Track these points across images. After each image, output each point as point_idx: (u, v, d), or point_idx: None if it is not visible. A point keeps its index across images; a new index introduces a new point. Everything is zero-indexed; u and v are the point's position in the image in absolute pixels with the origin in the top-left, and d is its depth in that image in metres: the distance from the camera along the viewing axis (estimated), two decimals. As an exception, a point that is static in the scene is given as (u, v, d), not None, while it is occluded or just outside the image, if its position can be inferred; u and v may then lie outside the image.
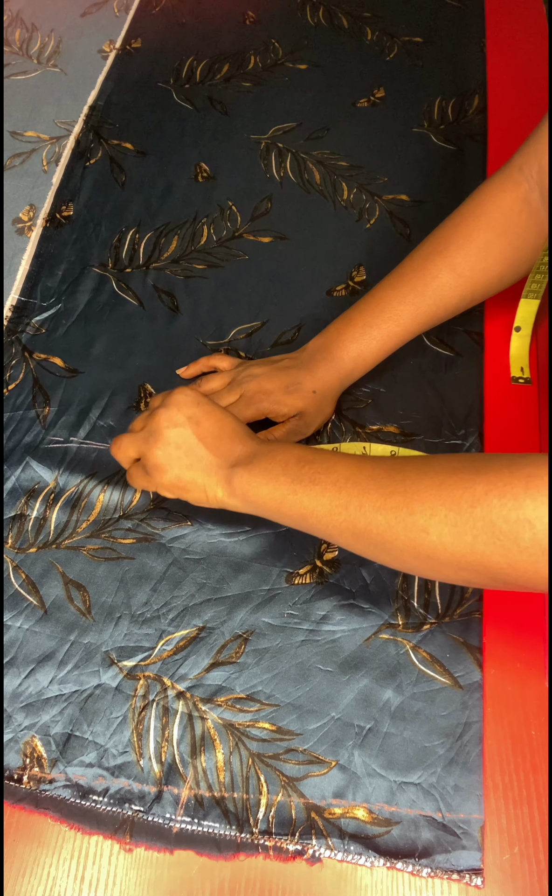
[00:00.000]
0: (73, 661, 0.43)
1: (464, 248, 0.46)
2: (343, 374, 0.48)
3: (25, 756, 0.41)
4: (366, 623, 0.44)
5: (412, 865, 0.37)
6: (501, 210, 0.46)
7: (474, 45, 0.73)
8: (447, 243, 0.46)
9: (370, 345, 0.47)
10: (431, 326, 0.48)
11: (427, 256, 0.47)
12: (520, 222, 0.45)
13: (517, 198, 0.45)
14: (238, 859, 0.38)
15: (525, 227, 0.46)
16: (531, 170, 0.45)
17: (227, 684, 0.42)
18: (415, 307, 0.46)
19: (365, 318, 0.47)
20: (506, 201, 0.45)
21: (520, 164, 0.45)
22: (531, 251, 0.47)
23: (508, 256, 0.46)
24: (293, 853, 0.38)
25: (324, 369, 0.48)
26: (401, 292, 0.47)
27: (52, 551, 0.47)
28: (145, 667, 0.43)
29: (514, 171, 0.46)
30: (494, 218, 0.46)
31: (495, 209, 0.46)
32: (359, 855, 0.37)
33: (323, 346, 0.48)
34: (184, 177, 0.65)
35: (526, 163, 0.45)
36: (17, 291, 0.58)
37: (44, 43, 0.76)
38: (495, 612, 0.44)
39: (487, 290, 0.47)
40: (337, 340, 0.48)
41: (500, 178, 0.46)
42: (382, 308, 0.47)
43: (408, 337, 0.48)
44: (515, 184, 0.45)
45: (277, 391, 0.47)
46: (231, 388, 0.49)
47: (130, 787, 0.40)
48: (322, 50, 0.73)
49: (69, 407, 0.53)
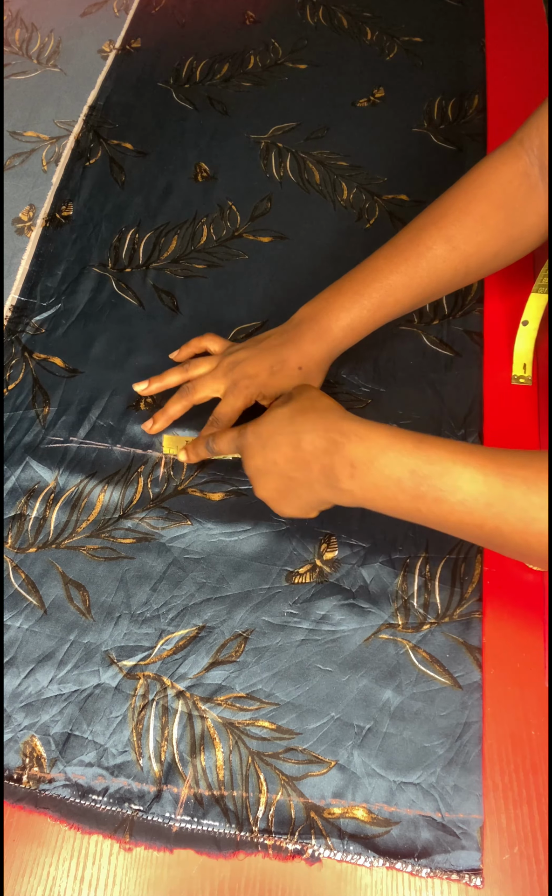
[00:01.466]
0: (72, 661, 0.43)
1: (460, 220, 0.45)
2: (331, 344, 0.47)
3: (25, 756, 0.41)
4: (365, 623, 0.44)
5: (411, 865, 0.37)
6: (499, 183, 0.45)
7: (474, 44, 0.73)
8: (443, 214, 0.46)
9: (361, 314, 0.46)
10: (425, 301, 0.47)
11: (422, 227, 0.46)
12: (519, 196, 0.45)
13: (516, 171, 0.45)
14: (237, 858, 0.38)
15: (523, 202, 0.45)
16: (532, 144, 0.44)
17: (227, 683, 0.42)
18: (409, 278, 0.45)
19: (356, 286, 0.46)
20: (506, 174, 0.45)
21: (521, 137, 0.45)
22: (528, 228, 0.45)
23: (505, 231, 0.45)
24: (292, 852, 0.38)
25: (310, 341, 0.46)
26: (393, 262, 0.46)
27: (52, 551, 0.47)
28: (145, 666, 0.43)
29: (515, 145, 0.45)
30: (492, 190, 0.45)
31: (493, 181, 0.45)
32: (359, 855, 0.37)
33: (311, 315, 0.47)
34: (183, 176, 0.65)
35: (527, 137, 0.44)
36: (17, 291, 0.58)
37: (44, 43, 0.76)
38: (495, 613, 0.44)
39: (482, 266, 0.46)
40: (326, 310, 0.47)
41: (501, 152, 0.46)
42: (374, 277, 0.46)
43: (399, 309, 0.47)
44: (515, 157, 0.45)
45: (262, 374, 0.46)
46: (216, 375, 0.48)
47: (130, 787, 0.40)
48: (322, 50, 0.73)
49: (69, 407, 0.53)
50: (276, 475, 0.40)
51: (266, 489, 0.41)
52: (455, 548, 0.46)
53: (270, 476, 0.40)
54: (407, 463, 0.35)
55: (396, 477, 0.35)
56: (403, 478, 0.35)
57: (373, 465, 0.36)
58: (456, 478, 0.34)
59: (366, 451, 0.36)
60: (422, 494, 0.35)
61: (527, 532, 0.32)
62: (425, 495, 0.35)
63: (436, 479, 0.34)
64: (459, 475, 0.34)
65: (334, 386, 0.53)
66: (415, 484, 0.35)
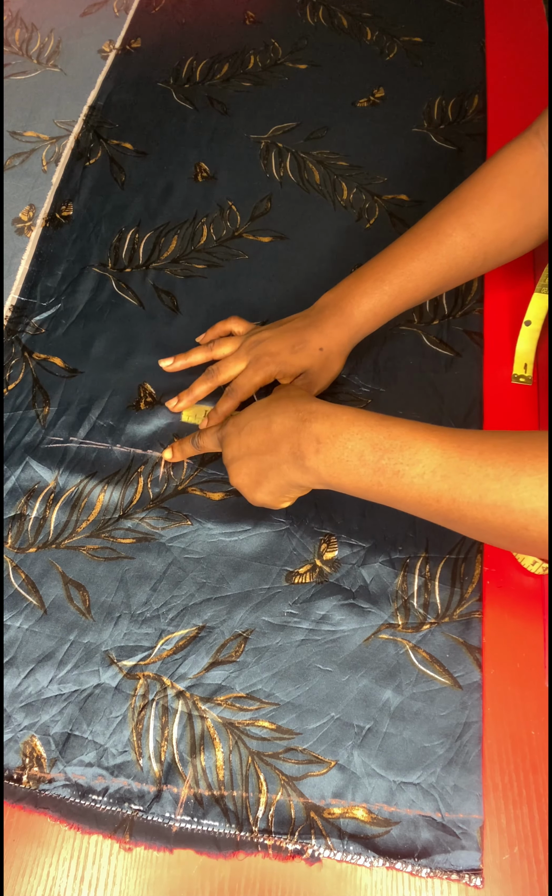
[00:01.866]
0: (72, 661, 0.43)
1: (479, 208, 0.46)
2: (353, 329, 0.48)
3: (25, 756, 0.41)
4: (365, 623, 0.44)
5: (411, 865, 0.37)
6: (517, 172, 0.46)
7: (474, 44, 0.73)
8: (462, 203, 0.47)
9: (382, 299, 0.47)
10: (443, 288, 0.48)
11: (441, 216, 0.47)
12: (536, 185, 0.46)
13: (533, 161, 0.46)
14: (237, 858, 0.38)
15: (540, 191, 0.46)
16: (548, 135, 0.45)
17: (227, 683, 0.42)
18: (428, 264, 0.47)
19: (377, 273, 0.47)
20: (522, 164, 0.46)
21: (537, 129, 0.46)
22: (544, 217, 0.46)
23: (522, 220, 0.46)
24: (292, 852, 0.38)
25: (333, 325, 0.48)
26: (414, 249, 0.47)
27: (52, 551, 0.47)
28: (145, 666, 0.43)
29: (532, 136, 0.46)
30: (510, 180, 0.46)
31: (511, 171, 0.46)
32: (359, 855, 0.37)
33: (334, 301, 0.48)
34: (183, 176, 0.65)
35: (544, 128, 0.45)
36: (17, 291, 0.58)
37: (43, 43, 0.76)
38: (495, 613, 0.44)
39: (499, 254, 0.48)
40: (348, 296, 0.48)
41: (518, 142, 0.47)
42: (394, 264, 0.47)
43: (419, 296, 0.48)
44: (532, 147, 0.46)
45: (283, 352, 0.47)
46: (238, 354, 0.49)
47: (130, 787, 0.40)
48: (322, 50, 0.73)
49: (69, 407, 0.53)
50: (249, 459, 0.41)
51: (239, 475, 0.42)
52: (455, 548, 0.46)
53: (243, 461, 0.42)
54: (369, 437, 0.36)
55: (359, 451, 0.37)
56: (365, 451, 0.36)
57: (336, 439, 0.37)
58: (415, 451, 0.35)
59: (330, 426, 0.38)
60: (382, 468, 0.36)
61: (481, 504, 0.33)
62: (385, 468, 0.36)
63: (397, 452, 0.36)
64: (419, 449, 0.35)
65: (334, 386, 0.53)
66: (377, 457, 0.36)
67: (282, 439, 0.39)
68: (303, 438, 0.38)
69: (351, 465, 0.37)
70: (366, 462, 0.36)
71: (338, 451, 0.37)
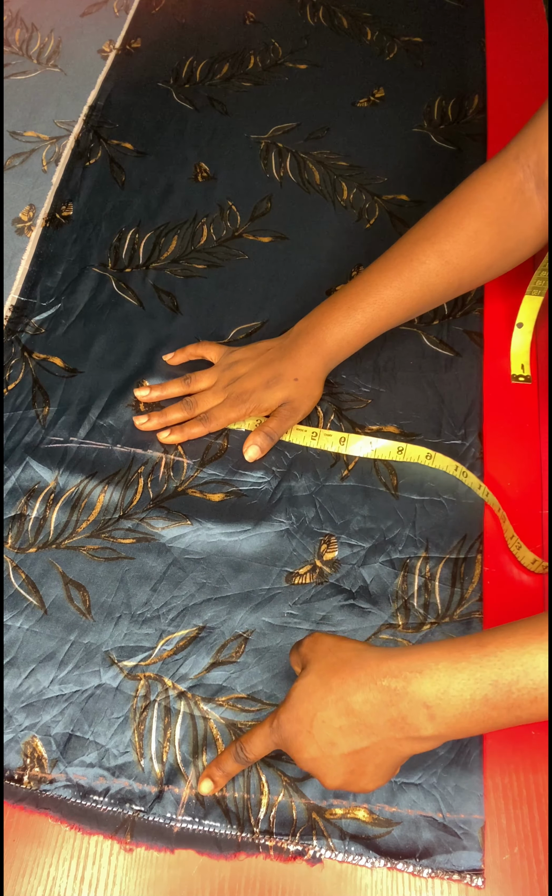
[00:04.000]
0: (73, 661, 0.43)
1: (453, 235, 0.45)
2: (326, 357, 0.49)
3: (26, 756, 0.40)
4: (366, 623, 0.44)
5: (413, 866, 0.37)
6: (493, 199, 0.45)
7: (474, 45, 0.73)
8: (436, 230, 0.46)
9: (354, 328, 0.47)
10: (419, 313, 0.48)
11: (415, 242, 0.47)
12: (513, 212, 0.45)
13: (510, 188, 0.45)
14: (238, 859, 0.38)
15: (517, 217, 0.45)
16: (528, 159, 0.44)
17: (228, 684, 0.42)
18: (401, 292, 0.46)
19: (350, 301, 0.47)
20: (499, 190, 0.45)
21: (516, 152, 0.45)
22: (523, 241, 0.46)
23: (498, 246, 0.46)
24: (294, 853, 0.38)
25: (306, 354, 0.48)
26: (387, 276, 0.47)
27: (52, 551, 0.47)
28: (145, 667, 0.43)
29: (510, 160, 0.45)
30: (485, 206, 0.45)
31: (487, 197, 0.45)
32: (360, 855, 0.37)
33: (307, 329, 0.49)
34: (183, 177, 0.65)
35: (523, 151, 0.44)
36: (17, 291, 0.58)
37: (43, 43, 0.76)
38: (495, 613, 0.44)
39: (475, 279, 0.47)
40: (321, 324, 0.48)
41: (495, 166, 0.46)
42: (368, 292, 0.47)
43: (393, 322, 0.48)
44: (510, 173, 0.45)
45: (259, 389, 0.49)
46: (216, 390, 0.50)
47: (131, 787, 0.40)
48: (322, 50, 0.73)
49: (69, 407, 0.53)
50: (341, 757, 0.33)
51: (336, 777, 0.34)
52: (455, 548, 0.46)
53: (334, 760, 0.33)
54: (483, 676, 0.30)
55: (482, 696, 0.30)
56: (489, 694, 0.30)
57: (447, 695, 0.31)
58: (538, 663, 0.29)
59: (432, 683, 0.31)
60: (516, 702, 0.30)
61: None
62: (520, 701, 0.30)
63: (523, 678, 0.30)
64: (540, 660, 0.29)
65: (335, 386, 0.53)
66: (505, 695, 0.30)
67: (375, 720, 0.32)
68: (405, 710, 0.31)
69: (480, 715, 0.30)
70: (496, 705, 0.30)
71: (456, 706, 0.31)
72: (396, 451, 0.49)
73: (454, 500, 0.48)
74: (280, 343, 0.50)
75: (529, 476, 0.49)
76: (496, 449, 0.50)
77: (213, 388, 0.50)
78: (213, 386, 0.51)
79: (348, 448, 0.49)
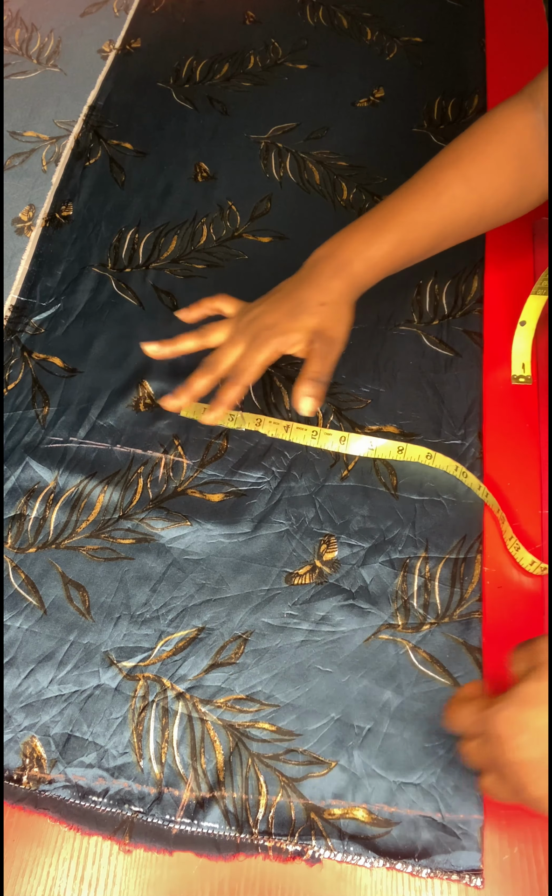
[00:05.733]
0: (72, 662, 0.43)
1: (478, 161, 0.45)
2: (353, 278, 0.44)
3: (25, 756, 0.40)
4: (365, 623, 0.44)
5: (412, 866, 0.37)
6: (514, 131, 0.45)
7: (474, 45, 0.73)
8: (459, 156, 0.46)
9: (382, 248, 0.44)
10: (441, 246, 0.47)
11: (440, 168, 0.46)
12: (532, 147, 0.45)
13: (528, 124, 0.45)
14: (237, 860, 0.38)
15: (535, 153, 0.45)
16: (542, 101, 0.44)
17: (227, 685, 0.42)
18: (428, 214, 0.45)
19: (375, 223, 0.45)
20: (518, 125, 0.45)
21: (530, 93, 0.45)
22: (538, 183, 0.46)
23: (518, 180, 0.45)
24: (293, 854, 0.38)
25: (329, 276, 0.44)
26: (412, 200, 0.45)
27: (52, 551, 0.47)
28: (145, 667, 0.43)
29: (526, 99, 0.46)
30: (507, 136, 0.45)
31: (508, 129, 0.45)
32: (359, 855, 0.37)
33: (328, 253, 0.45)
34: (183, 176, 0.65)
35: (540, 92, 0.45)
36: (17, 291, 0.58)
37: (43, 43, 0.76)
38: (495, 613, 0.44)
39: (496, 213, 0.47)
40: (344, 246, 0.45)
41: (512, 103, 0.46)
42: (393, 214, 0.45)
43: (418, 249, 0.46)
44: (526, 111, 0.45)
45: (282, 320, 0.43)
46: (234, 338, 0.44)
47: (130, 788, 0.40)
48: (322, 50, 0.73)
49: (68, 407, 0.53)
50: None
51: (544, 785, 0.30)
52: (455, 548, 0.46)
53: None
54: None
55: None
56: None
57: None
58: None
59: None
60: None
61: None
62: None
63: None
64: None
65: (335, 386, 0.53)
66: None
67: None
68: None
69: None
70: None
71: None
72: (397, 451, 0.49)
73: (454, 500, 0.48)
74: (297, 274, 0.46)
75: (529, 477, 0.49)
76: (496, 449, 0.50)
77: (231, 339, 0.45)
78: (232, 336, 0.45)
79: (349, 447, 0.49)
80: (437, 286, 0.57)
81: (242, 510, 0.48)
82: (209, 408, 0.44)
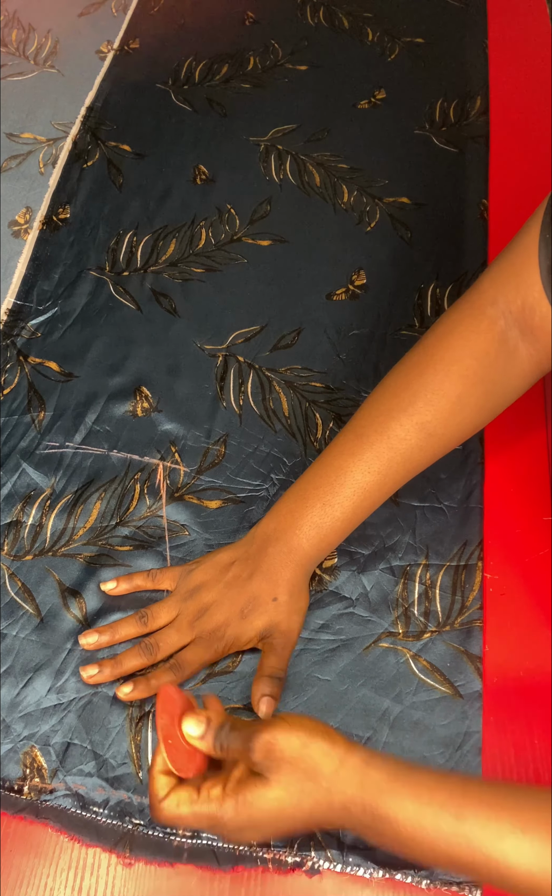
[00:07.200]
0: (70, 670, 0.43)
1: (435, 403, 0.40)
2: (306, 563, 0.42)
3: (25, 766, 0.40)
4: (365, 631, 0.43)
5: (411, 877, 0.37)
6: (475, 357, 0.39)
7: (476, 46, 0.72)
8: (413, 398, 0.40)
9: (333, 526, 0.41)
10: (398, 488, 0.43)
11: (390, 414, 0.40)
12: (498, 368, 0.40)
13: (492, 340, 0.39)
14: (237, 872, 0.38)
15: (503, 373, 0.40)
16: (510, 304, 0.39)
17: (225, 694, 0.42)
18: (383, 476, 0.40)
19: (322, 494, 0.41)
20: (481, 345, 0.39)
21: (492, 296, 0.39)
22: (511, 392, 0.41)
23: (485, 406, 0.41)
24: (292, 865, 0.38)
25: (280, 565, 0.41)
26: (363, 460, 0.40)
27: (49, 558, 0.46)
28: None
29: (487, 306, 0.40)
30: (467, 366, 0.39)
31: (468, 356, 0.39)
32: (358, 866, 0.37)
33: (276, 533, 0.41)
34: (182, 179, 0.64)
35: (502, 296, 0.39)
36: (13, 295, 0.58)
37: (41, 43, 0.75)
38: (496, 621, 0.43)
39: (460, 441, 0.42)
40: (292, 526, 0.41)
41: (471, 314, 0.40)
42: (343, 482, 0.40)
43: (375, 506, 0.42)
44: (491, 322, 0.39)
45: (233, 620, 0.41)
46: (180, 627, 0.41)
47: (130, 800, 0.39)
48: (322, 51, 0.73)
49: (65, 411, 0.52)
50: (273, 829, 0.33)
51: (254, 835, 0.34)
52: (455, 555, 0.46)
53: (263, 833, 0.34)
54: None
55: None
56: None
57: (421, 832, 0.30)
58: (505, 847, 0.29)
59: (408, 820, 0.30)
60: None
61: None
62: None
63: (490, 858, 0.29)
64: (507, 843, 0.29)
65: (335, 391, 0.52)
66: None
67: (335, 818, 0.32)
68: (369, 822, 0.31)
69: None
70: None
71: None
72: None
73: (454, 506, 0.48)
74: (245, 553, 0.42)
75: (530, 477, 0.48)
76: (496, 448, 0.49)
77: (175, 624, 0.41)
78: (176, 620, 0.41)
79: None
80: (439, 290, 0.57)
81: (240, 516, 0.47)
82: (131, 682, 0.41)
